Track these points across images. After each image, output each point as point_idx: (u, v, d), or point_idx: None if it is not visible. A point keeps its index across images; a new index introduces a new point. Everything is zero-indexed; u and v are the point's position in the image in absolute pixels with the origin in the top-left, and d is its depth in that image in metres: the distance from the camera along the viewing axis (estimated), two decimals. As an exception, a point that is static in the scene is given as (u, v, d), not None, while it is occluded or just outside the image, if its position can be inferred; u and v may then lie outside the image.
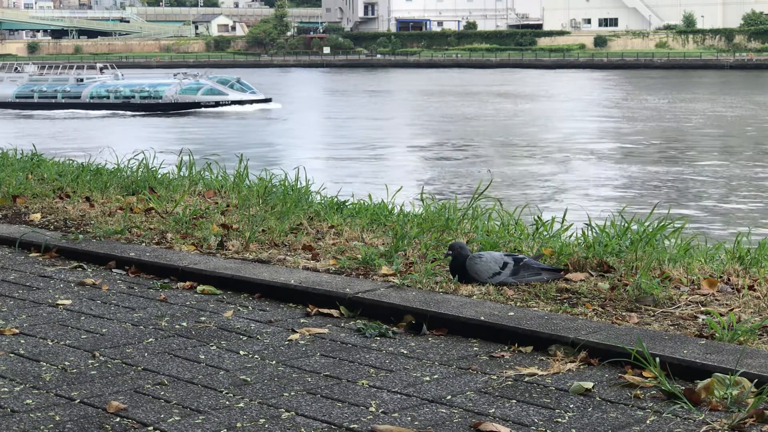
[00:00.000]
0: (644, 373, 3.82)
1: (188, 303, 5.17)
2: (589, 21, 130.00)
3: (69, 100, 61.93)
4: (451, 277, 5.19)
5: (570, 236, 6.08)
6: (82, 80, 63.31)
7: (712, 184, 28.56)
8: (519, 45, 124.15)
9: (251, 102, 60.12)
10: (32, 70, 68.42)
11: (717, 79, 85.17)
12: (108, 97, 61.42)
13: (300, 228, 6.57)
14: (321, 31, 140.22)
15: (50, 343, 4.46)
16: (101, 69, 68.37)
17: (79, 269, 6.00)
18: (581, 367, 4.01)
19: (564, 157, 36.20)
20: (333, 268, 5.54)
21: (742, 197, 26.19)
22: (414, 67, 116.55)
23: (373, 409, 3.58)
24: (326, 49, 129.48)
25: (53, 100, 62.42)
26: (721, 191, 27.19)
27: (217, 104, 59.43)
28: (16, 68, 69.59)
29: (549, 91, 55.91)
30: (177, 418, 3.50)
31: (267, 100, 60.64)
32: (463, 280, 5.13)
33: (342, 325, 4.72)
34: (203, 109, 58.81)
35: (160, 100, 60.00)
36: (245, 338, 4.52)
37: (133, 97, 60.70)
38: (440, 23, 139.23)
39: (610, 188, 28.45)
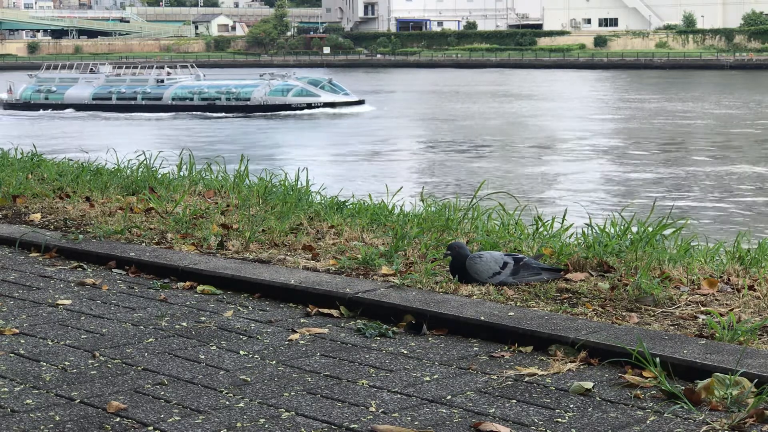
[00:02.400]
0: (644, 373, 3.82)
1: (188, 303, 5.17)
2: (589, 21, 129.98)
3: (149, 102, 59.98)
4: (451, 276, 5.18)
5: (570, 236, 6.08)
6: (162, 81, 61.46)
7: (712, 184, 28.56)
8: (519, 45, 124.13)
9: (344, 104, 57.61)
10: (108, 71, 66.02)
11: (717, 79, 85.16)
12: (191, 99, 59.47)
13: (300, 228, 6.57)
14: (321, 31, 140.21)
15: (50, 343, 4.46)
16: (178, 68, 66.04)
17: (79, 269, 6.00)
18: (581, 367, 4.01)
19: (564, 157, 36.19)
20: (333, 268, 5.54)
21: (742, 197, 26.18)
22: (414, 67, 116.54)
23: (373, 409, 3.58)
24: (326, 49, 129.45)
25: (133, 102, 60.61)
26: (722, 191, 27.18)
27: (308, 106, 57.20)
28: (92, 69, 66.70)
29: (549, 91, 55.92)
30: (177, 418, 3.50)
31: (360, 102, 58.22)
32: (464, 280, 5.12)
33: (342, 325, 4.72)
34: (294, 112, 56.67)
35: (248, 102, 58.00)
36: (245, 338, 4.52)
37: (219, 98, 58.74)
38: (440, 23, 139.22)
39: (611, 188, 28.44)
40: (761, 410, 3.39)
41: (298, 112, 56.56)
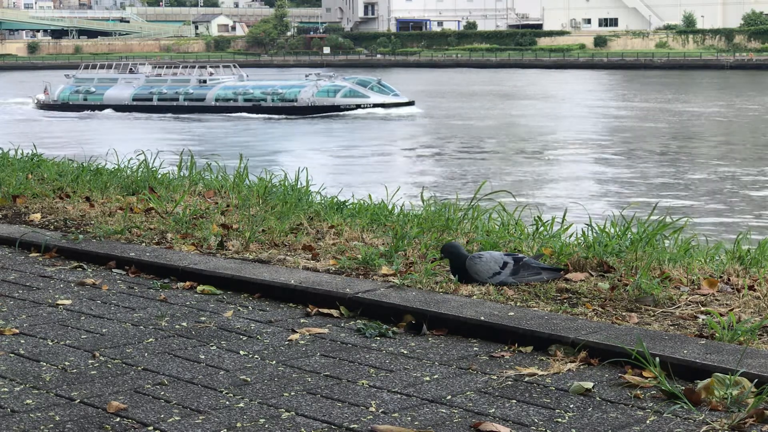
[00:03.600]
0: (644, 373, 3.81)
1: (188, 303, 5.17)
2: (589, 21, 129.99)
3: (192, 103, 58.44)
4: (451, 277, 5.18)
5: (570, 236, 6.08)
6: (204, 81, 59.91)
7: (712, 184, 28.56)
8: (519, 45, 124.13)
9: (394, 105, 55.80)
10: (148, 71, 64.33)
11: (717, 79, 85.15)
12: (236, 100, 57.88)
13: (300, 228, 6.57)
14: (321, 31, 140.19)
15: (50, 343, 4.46)
16: (221, 68, 64.18)
17: (79, 269, 6.00)
18: (581, 367, 4.00)
19: (564, 156, 36.18)
20: (333, 268, 5.54)
21: (742, 197, 26.18)
22: (414, 67, 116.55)
23: (373, 409, 3.58)
24: (326, 49, 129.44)
25: (174, 103, 59.04)
26: (722, 191, 27.18)
27: (357, 107, 55.58)
28: (131, 69, 65.23)
29: (549, 90, 55.86)
30: (177, 418, 3.50)
31: (410, 104, 56.50)
32: (464, 280, 5.12)
33: (342, 325, 4.72)
34: (342, 113, 54.99)
35: (295, 103, 56.40)
36: (245, 338, 4.52)
37: (264, 99, 57.16)
38: (440, 23, 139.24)
39: (611, 188, 28.44)
40: (761, 410, 3.39)
41: (346, 113, 55.06)
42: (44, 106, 62.51)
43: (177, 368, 4.08)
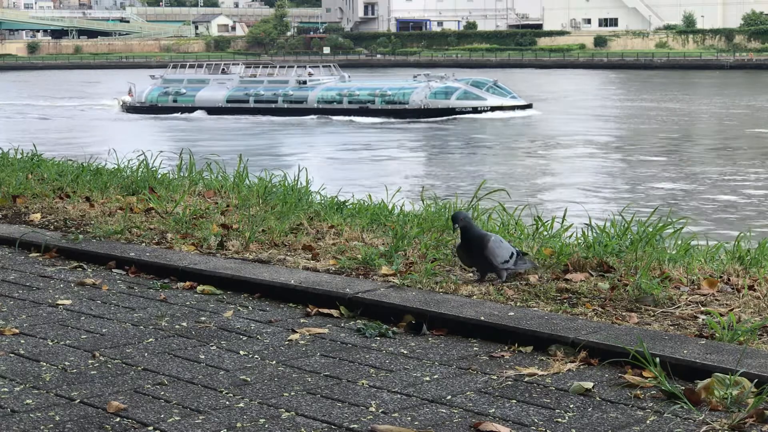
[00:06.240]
0: (644, 373, 3.82)
1: (188, 303, 5.17)
2: (589, 21, 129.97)
3: (292, 105, 55.46)
4: (454, 254, 5.19)
5: (570, 236, 6.08)
6: (304, 82, 56.81)
7: (712, 184, 28.55)
8: (519, 45, 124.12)
9: (512, 108, 52.63)
10: (241, 71, 60.90)
11: (717, 79, 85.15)
12: (340, 102, 54.59)
13: (300, 228, 6.57)
14: (321, 31, 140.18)
15: (50, 343, 4.46)
16: (320, 68, 60.61)
17: (79, 269, 6.00)
18: (581, 367, 4.00)
19: (564, 156, 36.19)
20: (333, 268, 5.54)
21: (742, 197, 26.18)
22: (414, 67, 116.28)
23: (373, 409, 3.58)
24: (326, 49, 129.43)
25: (273, 105, 56.06)
26: (722, 191, 27.18)
27: (474, 110, 52.26)
28: (223, 69, 61.81)
29: (549, 90, 55.79)
30: (177, 418, 3.50)
31: (528, 106, 53.46)
32: (469, 257, 5.14)
33: (342, 325, 4.72)
34: (458, 116, 51.48)
35: (406, 106, 52.99)
36: (245, 338, 4.52)
37: (372, 101, 53.81)
38: (440, 23, 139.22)
39: (611, 188, 28.44)
40: (761, 410, 3.39)
41: (462, 116, 51.61)
42: (131, 108, 59.59)
43: (177, 368, 4.08)
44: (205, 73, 61.38)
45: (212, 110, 56.85)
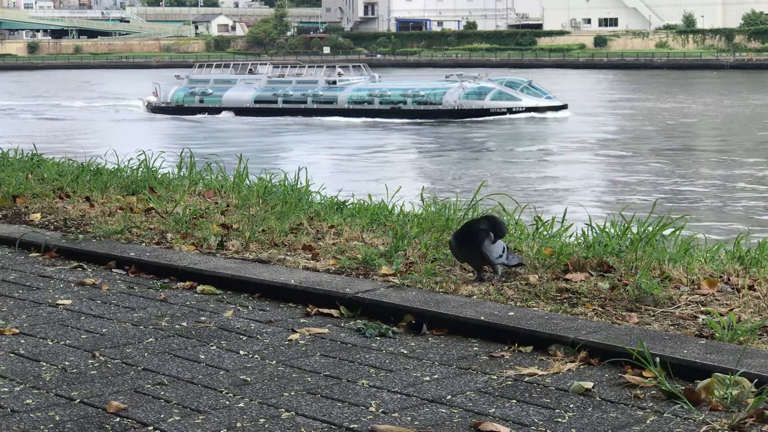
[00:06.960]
0: (644, 373, 3.82)
1: (188, 303, 5.17)
2: (589, 21, 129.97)
3: (321, 106, 54.19)
4: (452, 248, 5.22)
5: (570, 236, 6.08)
6: (334, 83, 55.72)
7: (713, 184, 28.55)
8: (519, 45, 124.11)
9: (547, 109, 51.58)
10: (269, 71, 59.82)
11: (717, 79, 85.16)
12: (371, 102, 53.42)
13: (300, 228, 6.57)
14: (321, 31, 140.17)
15: (50, 343, 4.46)
16: (350, 68, 59.38)
17: (79, 269, 6.00)
18: (581, 367, 4.00)
19: (564, 156, 36.19)
20: (333, 268, 5.54)
21: (742, 197, 26.18)
22: (414, 66, 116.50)
23: (373, 409, 3.58)
24: (326, 49, 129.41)
25: (302, 106, 54.75)
26: (722, 191, 27.18)
27: (509, 111, 51.17)
28: (251, 69, 60.86)
29: (548, 91, 55.72)
30: (177, 418, 3.50)
31: (563, 107, 52.16)
32: (467, 259, 5.18)
33: (342, 325, 4.72)
34: (492, 117, 50.26)
35: (439, 106, 51.95)
36: (245, 338, 4.52)
37: (404, 102, 52.64)
38: (440, 23, 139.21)
39: (611, 188, 28.45)
40: (761, 410, 3.39)
41: (496, 117, 50.41)
42: (156, 108, 58.48)
43: (177, 368, 4.08)
44: (232, 73, 60.28)
45: (240, 111, 55.82)
